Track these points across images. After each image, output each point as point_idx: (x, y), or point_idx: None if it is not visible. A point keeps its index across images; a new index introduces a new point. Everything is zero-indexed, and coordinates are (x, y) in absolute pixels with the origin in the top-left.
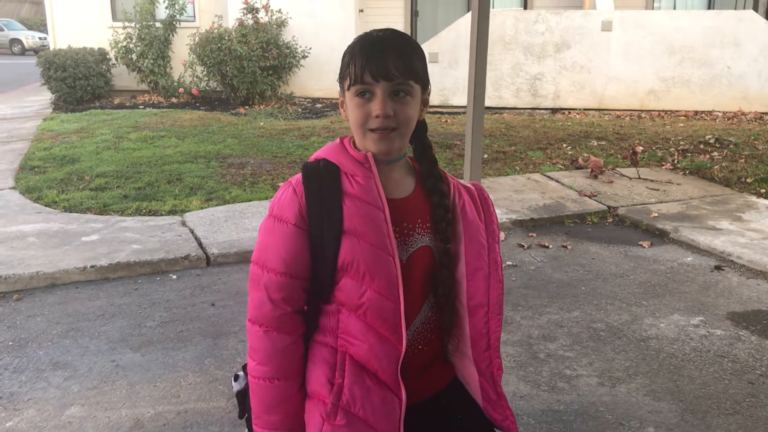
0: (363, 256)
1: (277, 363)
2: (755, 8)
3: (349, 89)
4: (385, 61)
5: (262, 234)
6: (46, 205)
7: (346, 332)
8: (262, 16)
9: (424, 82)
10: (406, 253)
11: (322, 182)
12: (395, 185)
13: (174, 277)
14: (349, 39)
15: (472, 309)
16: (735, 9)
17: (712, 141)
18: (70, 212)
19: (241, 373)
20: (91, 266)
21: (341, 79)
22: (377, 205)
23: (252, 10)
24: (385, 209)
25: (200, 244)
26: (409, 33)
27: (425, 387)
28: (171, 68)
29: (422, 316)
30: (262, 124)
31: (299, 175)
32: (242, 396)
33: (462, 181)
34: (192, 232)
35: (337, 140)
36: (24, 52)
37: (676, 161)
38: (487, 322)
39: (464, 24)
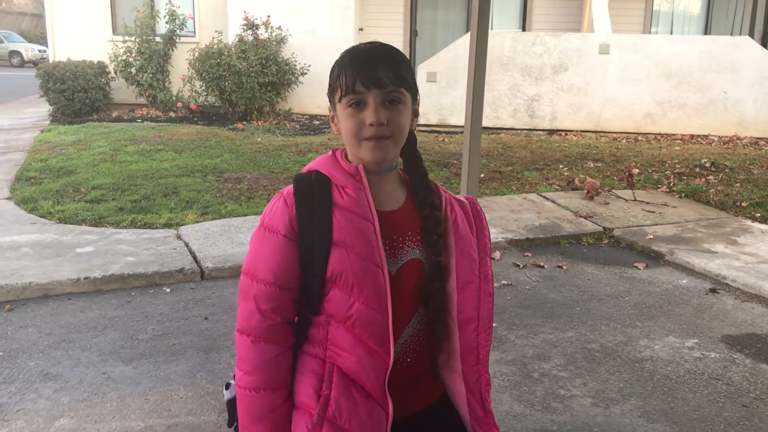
0: (352, 267)
1: (264, 373)
2: (751, 34)
3: (340, 101)
4: (376, 69)
5: (252, 244)
6: (41, 216)
7: (335, 344)
8: (262, 33)
9: (414, 91)
10: (395, 265)
11: (312, 194)
12: (386, 197)
13: (168, 290)
14: None
15: (462, 323)
16: (731, 35)
17: (707, 165)
18: (65, 224)
19: (232, 382)
20: (85, 278)
21: (331, 92)
22: (367, 217)
23: (252, 26)
24: (375, 221)
25: (195, 258)
26: (408, 53)
27: (413, 401)
28: (170, 83)
29: (411, 329)
30: (259, 139)
31: (291, 187)
32: (232, 405)
33: (455, 194)
34: (187, 245)
35: (329, 152)
36: (23, 64)
37: (671, 184)
38: (477, 337)
39: (463, 44)
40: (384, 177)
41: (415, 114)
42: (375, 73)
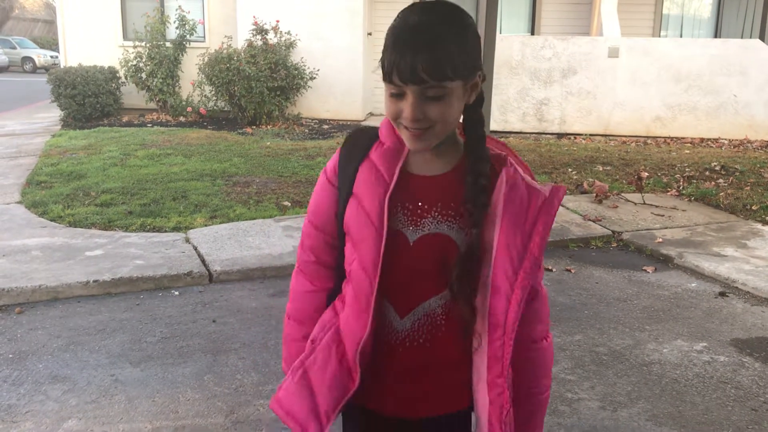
0: (357, 222)
1: (296, 304)
2: (762, 37)
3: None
4: (414, 62)
5: None
6: (51, 220)
7: (342, 299)
8: (272, 38)
9: (468, 74)
10: (415, 234)
11: (355, 145)
12: (424, 162)
13: (176, 293)
14: (357, 61)
15: (491, 327)
16: (741, 38)
17: (717, 168)
18: (75, 227)
19: None
20: (94, 281)
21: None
22: (386, 176)
23: (261, 31)
24: (392, 181)
25: (203, 261)
26: None
27: (426, 399)
28: (180, 87)
29: (428, 306)
30: (268, 143)
31: None
32: None
33: (536, 182)
34: (195, 248)
35: None
36: (35, 70)
37: (681, 187)
38: (503, 345)
39: None
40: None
41: (473, 88)
42: (413, 67)
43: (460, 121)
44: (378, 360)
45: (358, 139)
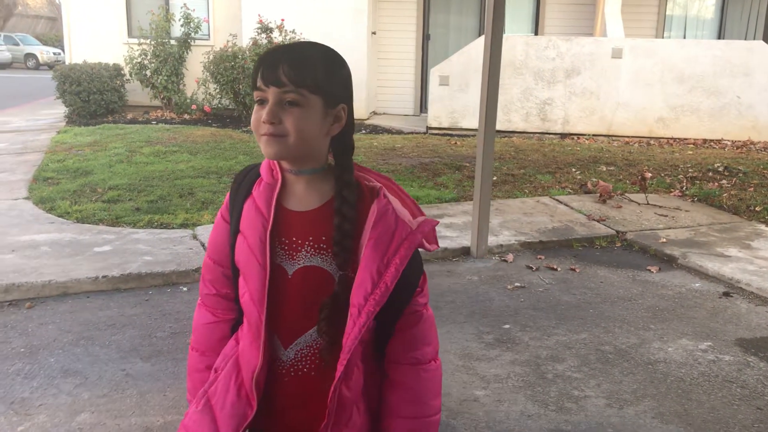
0: (244, 257)
1: (197, 335)
2: (765, 39)
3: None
4: (277, 67)
5: None
6: (58, 216)
7: (242, 329)
8: (276, 36)
9: (329, 96)
10: (292, 267)
11: (240, 184)
12: (298, 197)
13: (184, 289)
14: (362, 60)
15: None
16: (745, 39)
17: (720, 169)
18: (83, 223)
19: None
20: (103, 276)
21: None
22: (263, 213)
23: (266, 29)
24: (270, 217)
25: None
26: (420, 56)
27: (311, 425)
28: (184, 85)
29: (309, 338)
30: None
31: None
32: None
33: (408, 215)
34: (203, 245)
35: None
36: (38, 66)
37: (684, 188)
38: (341, 364)
39: (475, 48)
40: (298, 177)
41: (336, 119)
42: (275, 71)
43: (329, 154)
44: (269, 388)
45: (244, 178)
